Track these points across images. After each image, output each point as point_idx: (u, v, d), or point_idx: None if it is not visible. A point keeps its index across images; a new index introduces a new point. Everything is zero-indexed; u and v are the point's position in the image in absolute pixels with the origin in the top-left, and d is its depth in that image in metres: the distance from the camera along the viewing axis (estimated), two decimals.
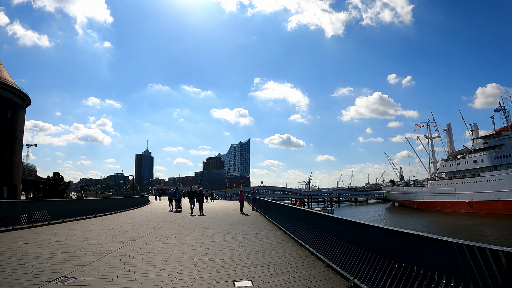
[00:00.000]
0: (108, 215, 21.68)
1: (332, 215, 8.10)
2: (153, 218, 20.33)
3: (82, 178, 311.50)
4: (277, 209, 16.83)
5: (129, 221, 17.97)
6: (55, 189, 46.00)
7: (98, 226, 15.52)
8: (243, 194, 24.20)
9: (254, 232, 13.65)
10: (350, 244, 6.71)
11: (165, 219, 19.26)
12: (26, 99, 34.41)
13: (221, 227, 15.16)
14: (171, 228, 14.97)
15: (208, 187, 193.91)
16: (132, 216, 21.14)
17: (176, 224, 16.61)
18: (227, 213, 23.87)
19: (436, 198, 79.75)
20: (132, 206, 28.30)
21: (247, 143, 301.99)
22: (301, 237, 10.45)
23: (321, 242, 8.33)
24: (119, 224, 16.62)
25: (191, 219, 19.22)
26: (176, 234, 13.14)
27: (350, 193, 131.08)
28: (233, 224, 16.35)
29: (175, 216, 21.19)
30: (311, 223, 9.73)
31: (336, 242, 7.37)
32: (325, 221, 8.49)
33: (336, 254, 7.17)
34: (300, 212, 12.02)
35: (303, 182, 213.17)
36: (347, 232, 6.98)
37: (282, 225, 14.28)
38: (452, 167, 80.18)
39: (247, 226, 15.58)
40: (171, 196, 26.68)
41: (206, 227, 15.27)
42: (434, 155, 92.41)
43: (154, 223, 17.12)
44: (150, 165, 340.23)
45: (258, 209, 24.23)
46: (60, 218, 16.85)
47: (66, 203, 20.58)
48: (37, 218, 15.53)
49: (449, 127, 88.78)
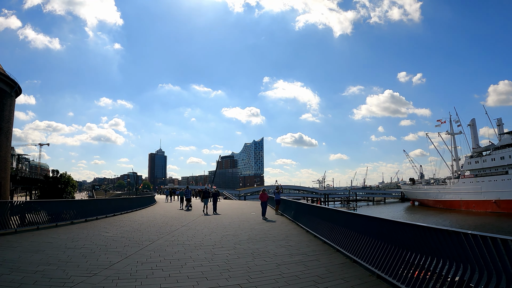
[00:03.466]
0: (102, 218, 16.67)
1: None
2: (148, 227, 14.98)
3: (95, 178, 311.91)
4: (318, 215, 11.43)
5: (110, 233, 12.68)
6: (54, 188, 41.35)
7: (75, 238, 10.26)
8: (266, 194, 18.75)
9: (297, 260, 8.10)
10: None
11: (168, 225, 13.97)
12: (14, 85, 29.56)
13: (241, 247, 9.71)
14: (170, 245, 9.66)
15: (221, 186, 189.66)
16: (125, 223, 15.92)
17: (179, 238, 11.29)
18: (245, 218, 18.52)
19: (460, 197, 74.30)
20: (135, 208, 23.66)
21: (261, 142, 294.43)
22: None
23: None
24: (94, 240, 11.33)
25: (204, 224, 14.07)
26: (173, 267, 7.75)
27: (366, 192, 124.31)
28: (257, 240, 10.83)
29: (186, 218, 15.86)
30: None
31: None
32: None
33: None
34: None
35: (317, 181, 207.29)
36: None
37: (336, 242, 8.88)
38: (478, 164, 74.55)
39: (279, 244, 10.07)
40: (182, 195, 26.86)
41: (217, 244, 9.97)
42: (456, 152, 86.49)
43: (144, 236, 11.81)
44: (164, 164, 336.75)
45: (284, 212, 18.80)
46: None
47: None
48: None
49: (473, 122, 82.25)
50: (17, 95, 30.87)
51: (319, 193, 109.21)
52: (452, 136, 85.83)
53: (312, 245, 9.89)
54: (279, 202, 19.73)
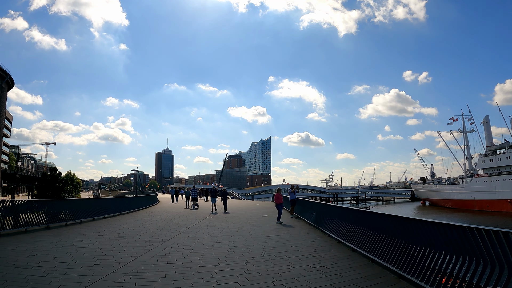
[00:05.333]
0: (88, 222, 13.79)
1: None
2: (138, 233, 12.08)
3: (103, 177, 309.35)
4: (359, 221, 8.44)
5: (86, 243, 9.79)
6: (51, 186, 38.72)
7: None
8: (281, 195, 15.63)
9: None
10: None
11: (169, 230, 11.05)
12: (5, 76, 26.78)
13: (255, 268, 6.70)
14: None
15: (228, 185, 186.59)
16: (113, 228, 13.06)
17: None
18: (255, 221, 15.56)
19: (473, 196, 70.64)
20: (133, 208, 21.05)
21: (268, 141, 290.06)
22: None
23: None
24: (58, 255, 8.48)
25: (206, 230, 11.16)
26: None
27: (375, 191, 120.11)
28: (276, 256, 7.84)
29: (187, 221, 12.94)
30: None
31: None
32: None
33: None
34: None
35: (324, 181, 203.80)
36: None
37: (397, 264, 5.92)
38: (492, 162, 71.04)
39: (308, 264, 7.00)
40: (188, 194, 26.40)
41: (221, 264, 6.98)
42: (469, 150, 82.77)
43: (128, 248, 8.92)
44: (171, 164, 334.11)
45: (301, 215, 15.80)
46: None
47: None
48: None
49: (487, 120, 78.68)
50: (9, 88, 28.17)
51: (328, 193, 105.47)
52: (465, 134, 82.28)
53: (356, 265, 6.86)
54: (294, 203, 16.68)
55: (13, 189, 52.07)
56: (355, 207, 8.73)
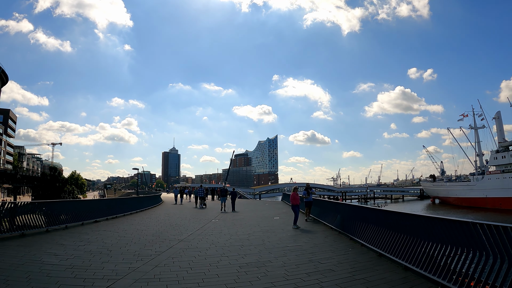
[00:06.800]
0: (75, 227, 11.75)
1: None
2: (127, 243, 9.96)
3: (109, 177, 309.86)
4: (409, 231, 6.27)
5: (54, 260, 7.67)
6: (50, 186, 36.63)
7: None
8: (298, 195, 13.14)
9: None
10: None
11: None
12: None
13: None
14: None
15: (235, 184, 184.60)
16: (101, 235, 10.96)
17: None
18: (268, 225, 13.42)
19: (485, 194, 67.91)
20: (131, 210, 19.29)
21: (275, 140, 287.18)
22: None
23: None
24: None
25: (211, 239, 9.05)
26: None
27: (383, 189, 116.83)
28: (304, 281, 5.69)
29: (189, 226, 10.80)
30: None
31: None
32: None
33: None
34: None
35: (331, 179, 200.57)
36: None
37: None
38: (505, 159, 68.42)
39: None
40: (196, 194, 26.39)
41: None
42: (480, 147, 79.66)
43: (106, 269, 6.80)
44: (177, 163, 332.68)
45: (319, 217, 13.61)
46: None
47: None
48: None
49: (499, 115, 75.68)
50: (3, 83, 26.22)
51: (336, 191, 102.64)
52: (476, 130, 79.21)
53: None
54: (311, 205, 14.45)
55: (15, 190, 50.37)
56: (402, 211, 6.42)
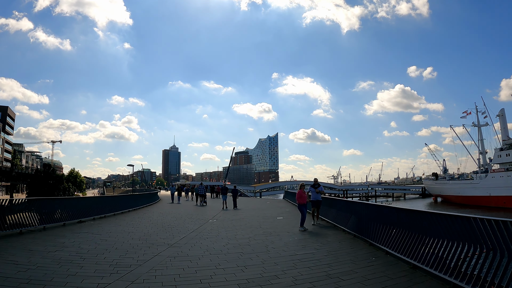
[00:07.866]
0: (53, 229, 10.34)
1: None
2: (107, 249, 8.53)
3: (110, 175, 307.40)
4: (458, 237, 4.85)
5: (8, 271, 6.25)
6: (44, 183, 35.23)
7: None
8: (305, 193, 11.70)
9: None
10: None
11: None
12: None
13: None
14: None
15: (236, 182, 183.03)
16: (80, 237, 9.55)
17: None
18: (271, 227, 12.11)
19: (489, 192, 66.59)
20: (123, 209, 18.15)
21: (276, 137, 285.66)
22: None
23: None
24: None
25: (206, 243, 7.61)
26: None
27: (384, 187, 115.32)
28: None
29: (184, 227, 9.37)
30: None
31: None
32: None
33: None
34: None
35: (332, 177, 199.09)
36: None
37: None
38: (509, 157, 66.90)
39: None
40: (197, 191, 26.40)
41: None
42: (483, 145, 78.20)
43: (69, 285, 5.39)
44: (178, 161, 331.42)
45: (327, 217, 12.20)
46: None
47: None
48: None
49: (503, 113, 74.32)
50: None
51: (337, 189, 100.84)
52: (479, 128, 77.79)
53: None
54: (319, 205, 12.84)
55: (12, 187, 48.99)
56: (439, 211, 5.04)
